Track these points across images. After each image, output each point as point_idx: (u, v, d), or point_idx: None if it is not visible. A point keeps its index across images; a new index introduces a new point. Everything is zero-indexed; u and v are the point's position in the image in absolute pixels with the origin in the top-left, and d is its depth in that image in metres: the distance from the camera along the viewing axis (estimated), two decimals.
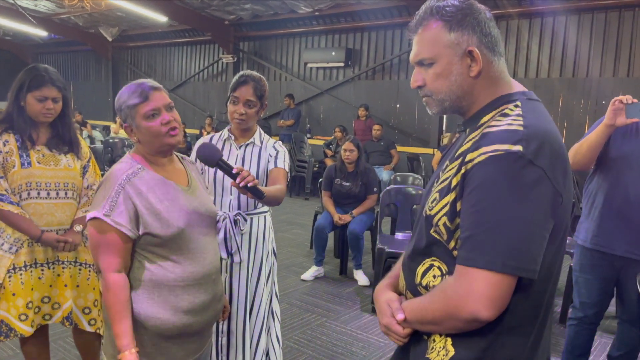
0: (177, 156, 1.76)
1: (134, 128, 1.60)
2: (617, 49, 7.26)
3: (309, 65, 10.43)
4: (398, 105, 9.33)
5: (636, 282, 2.31)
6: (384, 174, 7.65)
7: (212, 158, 1.73)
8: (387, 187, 4.56)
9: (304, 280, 4.43)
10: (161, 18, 10.45)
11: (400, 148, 8.62)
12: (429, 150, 8.54)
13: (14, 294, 2.13)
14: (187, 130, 10.99)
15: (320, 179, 4.86)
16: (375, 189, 4.59)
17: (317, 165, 8.46)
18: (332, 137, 9.04)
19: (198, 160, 1.86)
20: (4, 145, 2.12)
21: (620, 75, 7.26)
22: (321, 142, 9.55)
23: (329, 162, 7.85)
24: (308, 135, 10.08)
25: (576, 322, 2.58)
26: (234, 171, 1.72)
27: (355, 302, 3.99)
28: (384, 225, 5.91)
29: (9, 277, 2.13)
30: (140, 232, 1.53)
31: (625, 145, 2.37)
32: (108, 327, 1.58)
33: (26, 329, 2.16)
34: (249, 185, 1.72)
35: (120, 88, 1.66)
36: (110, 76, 14.42)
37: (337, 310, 3.81)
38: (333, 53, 9.85)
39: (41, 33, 13.16)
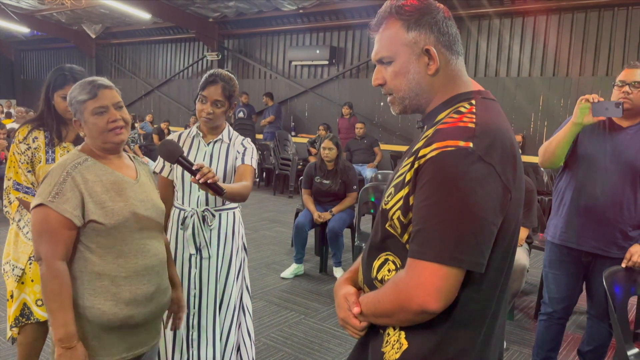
0: (127, 155, 1.78)
1: (82, 123, 1.62)
2: (597, 48, 7.36)
3: (294, 63, 10.44)
4: (382, 104, 9.37)
5: (603, 277, 2.36)
6: (367, 171, 7.69)
7: (172, 154, 1.75)
8: (365, 185, 4.58)
9: (283, 278, 4.44)
10: (145, 15, 10.40)
11: (384, 146, 8.66)
12: None
13: (32, 280, 2.25)
14: (172, 128, 10.93)
15: (302, 177, 4.87)
16: (354, 187, 4.61)
17: (301, 164, 8.46)
18: (316, 135, 9.05)
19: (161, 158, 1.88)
20: (33, 141, 2.25)
21: (599, 74, 7.36)
22: (305, 140, 9.56)
23: (313, 160, 7.87)
24: (292, 133, 10.08)
25: (546, 317, 2.62)
26: (194, 167, 1.74)
27: (334, 299, 4.00)
28: (366, 222, 5.95)
29: (30, 264, 2.25)
30: (85, 220, 1.54)
31: (592, 143, 2.41)
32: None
33: (42, 314, 2.26)
34: (208, 181, 1.73)
35: None
36: (94, 73, 14.03)
37: (316, 308, 3.83)
38: (317, 51, 9.86)
39: (24, 30, 13.02)
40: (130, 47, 13.77)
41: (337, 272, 4.49)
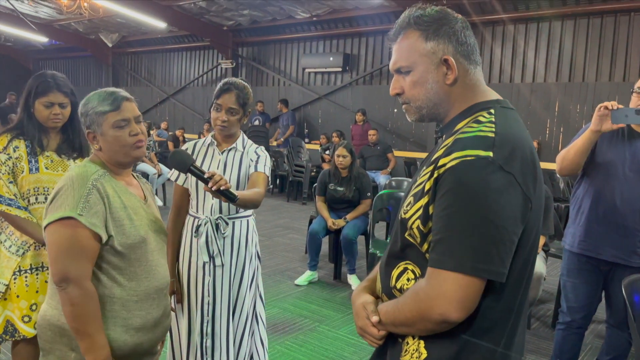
0: (132, 174, 1.75)
1: (97, 135, 1.55)
2: (613, 53, 7.29)
3: (307, 70, 10.49)
4: (395, 110, 9.36)
5: (622, 286, 2.32)
6: (380, 178, 7.67)
7: (183, 164, 1.76)
8: (379, 192, 4.57)
9: (297, 285, 4.44)
10: (160, 24, 10.52)
11: (397, 152, 8.64)
12: (426, 155, 8.54)
13: (18, 296, 2.16)
14: (187, 135, 11.02)
15: (315, 184, 4.88)
16: (368, 194, 4.61)
17: (315, 170, 8.48)
18: (329, 141, 9.06)
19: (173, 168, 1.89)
20: (14, 151, 2.16)
21: (616, 79, 7.29)
22: (318, 147, 9.59)
23: (326, 167, 7.88)
24: (306, 140, 10.11)
25: (564, 327, 2.59)
26: (206, 176, 1.75)
27: (348, 306, 3.99)
28: (380, 229, 5.93)
29: (14, 279, 2.15)
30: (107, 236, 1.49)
31: (611, 150, 2.38)
32: (56, 351, 1.52)
33: (29, 331, 2.17)
34: (221, 188, 1.74)
35: None
36: (110, 82, 14.48)
37: (330, 315, 3.82)
38: (331, 58, 9.90)
39: (42, 39, 13.25)
40: (146, 56, 13.94)
41: (351, 279, 4.48)
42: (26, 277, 2.18)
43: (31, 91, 2.18)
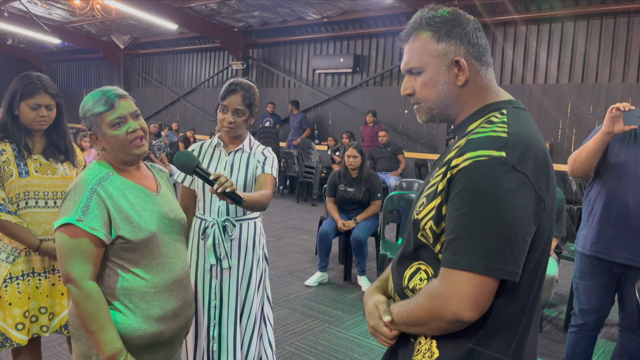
0: (144, 164, 1.75)
1: (99, 136, 1.58)
2: (627, 54, 7.22)
3: (318, 71, 10.51)
4: (406, 112, 9.34)
5: (636, 289, 2.30)
6: (391, 179, 7.66)
7: (188, 166, 1.76)
8: (390, 194, 4.56)
9: (307, 286, 4.44)
10: (172, 26, 10.59)
11: (408, 154, 8.62)
12: (436, 156, 8.53)
13: (10, 304, 2.11)
14: (197, 137, 11.08)
15: (325, 185, 4.89)
16: (379, 195, 4.60)
17: (325, 171, 8.49)
18: (337, 143, 9.06)
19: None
20: (1, 154, 2.11)
21: (629, 80, 7.21)
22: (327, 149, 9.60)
23: (337, 168, 7.88)
24: (316, 142, 10.12)
25: (576, 329, 2.57)
26: (211, 178, 1.74)
27: (358, 308, 3.99)
28: (391, 231, 5.93)
29: (5, 286, 2.11)
30: (113, 237, 1.52)
31: (623, 152, 2.36)
32: (82, 339, 1.55)
33: (22, 338, 2.14)
34: (227, 190, 1.74)
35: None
36: (122, 83, 14.59)
37: (340, 316, 3.82)
38: (341, 59, 9.90)
39: (55, 41, 13.39)
40: (157, 57, 14.04)
41: (361, 280, 4.47)
42: (18, 284, 2.14)
43: (16, 93, 2.11)
